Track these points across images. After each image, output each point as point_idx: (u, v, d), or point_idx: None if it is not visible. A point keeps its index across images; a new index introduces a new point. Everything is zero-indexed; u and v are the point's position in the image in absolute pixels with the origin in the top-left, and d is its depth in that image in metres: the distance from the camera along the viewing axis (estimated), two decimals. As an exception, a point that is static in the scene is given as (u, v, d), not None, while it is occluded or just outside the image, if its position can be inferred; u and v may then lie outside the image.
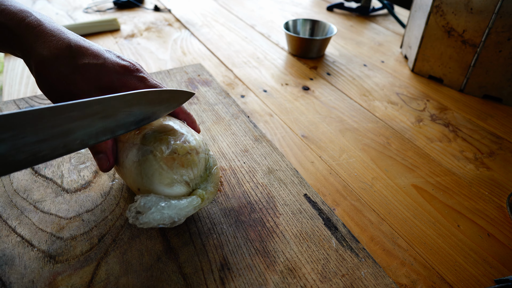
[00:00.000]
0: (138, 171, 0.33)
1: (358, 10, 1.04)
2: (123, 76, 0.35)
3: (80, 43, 0.34)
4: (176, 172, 0.32)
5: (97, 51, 0.35)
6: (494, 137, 0.56)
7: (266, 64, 0.75)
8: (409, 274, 0.36)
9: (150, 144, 0.34)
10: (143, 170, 0.33)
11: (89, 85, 0.34)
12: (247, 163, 0.47)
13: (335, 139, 0.54)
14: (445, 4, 0.64)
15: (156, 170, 0.32)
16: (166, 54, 0.77)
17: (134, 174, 0.34)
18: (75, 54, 0.34)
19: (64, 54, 0.33)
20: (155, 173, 0.32)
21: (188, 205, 0.32)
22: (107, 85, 0.35)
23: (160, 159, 0.33)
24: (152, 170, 0.32)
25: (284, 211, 0.40)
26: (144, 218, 0.30)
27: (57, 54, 0.33)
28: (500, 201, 0.45)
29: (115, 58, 0.36)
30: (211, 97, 0.61)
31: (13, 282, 0.32)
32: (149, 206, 0.31)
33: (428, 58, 0.70)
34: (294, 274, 0.34)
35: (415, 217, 0.42)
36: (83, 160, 0.46)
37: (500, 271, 0.37)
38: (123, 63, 0.36)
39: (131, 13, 0.99)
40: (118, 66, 0.35)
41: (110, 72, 0.35)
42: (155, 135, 0.35)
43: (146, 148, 0.34)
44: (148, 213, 0.30)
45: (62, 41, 0.34)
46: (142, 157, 0.33)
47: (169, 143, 0.33)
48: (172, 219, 0.31)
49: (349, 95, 0.66)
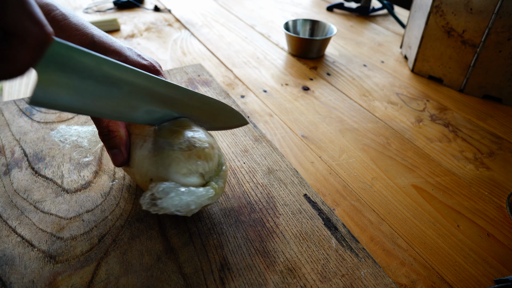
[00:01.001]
0: (152, 162, 0.34)
1: (358, 10, 1.04)
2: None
3: (103, 39, 0.35)
4: (192, 163, 0.33)
5: (119, 49, 0.35)
6: (494, 137, 0.56)
7: (266, 64, 0.75)
8: (409, 274, 0.36)
9: (166, 137, 0.34)
10: (159, 160, 0.33)
11: None
12: (247, 163, 0.47)
13: (335, 139, 0.54)
14: (445, 4, 0.64)
15: (174, 160, 0.33)
16: (166, 54, 0.77)
17: (147, 164, 0.34)
18: (98, 50, 0.34)
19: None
20: (173, 163, 0.33)
21: (205, 194, 0.33)
22: None
23: (178, 150, 0.33)
24: (170, 160, 0.33)
25: (284, 211, 0.40)
26: (163, 203, 0.30)
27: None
28: (500, 201, 0.45)
29: (136, 57, 0.36)
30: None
31: (13, 282, 0.32)
32: (167, 191, 0.31)
33: (428, 58, 0.70)
34: (294, 274, 0.34)
35: (415, 217, 0.42)
36: (85, 154, 0.45)
37: (500, 271, 0.37)
38: (143, 63, 0.36)
39: (131, 13, 0.99)
40: (138, 65, 0.36)
41: None
42: (171, 128, 0.35)
43: (162, 140, 0.34)
44: (167, 198, 0.31)
45: (86, 36, 0.34)
46: (158, 149, 0.34)
47: (185, 136, 0.34)
48: (189, 207, 0.31)
49: (349, 95, 0.66)
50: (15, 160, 0.45)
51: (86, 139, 0.42)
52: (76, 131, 0.42)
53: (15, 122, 0.51)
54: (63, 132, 0.45)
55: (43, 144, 0.48)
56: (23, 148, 0.47)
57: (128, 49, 0.37)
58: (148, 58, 0.38)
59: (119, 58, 0.35)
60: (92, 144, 0.42)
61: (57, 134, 0.44)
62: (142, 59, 0.37)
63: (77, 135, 0.42)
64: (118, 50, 0.35)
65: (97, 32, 0.35)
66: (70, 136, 0.45)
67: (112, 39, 0.36)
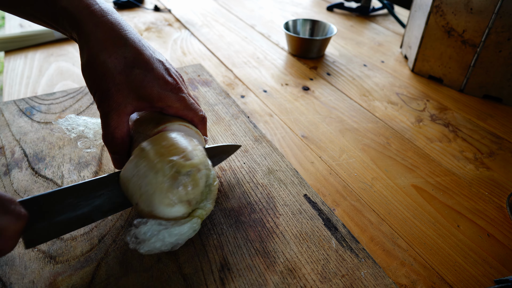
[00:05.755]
0: (137, 186, 0.32)
1: (358, 10, 1.03)
2: (164, 91, 0.36)
3: (135, 45, 0.35)
4: (176, 192, 0.31)
5: (148, 59, 0.35)
6: (494, 137, 0.56)
7: (266, 64, 0.75)
8: (409, 274, 0.36)
9: (150, 158, 0.32)
10: (142, 186, 0.31)
11: (129, 90, 0.34)
12: (247, 163, 0.47)
13: (335, 139, 0.54)
14: (445, 4, 0.64)
15: (157, 190, 0.31)
16: (166, 54, 0.77)
17: (132, 186, 0.32)
18: (127, 55, 0.34)
19: (117, 53, 0.34)
20: (156, 193, 0.31)
21: (188, 230, 0.32)
22: (146, 95, 0.35)
23: (161, 178, 0.31)
24: (153, 189, 0.31)
25: (284, 212, 0.40)
26: (145, 247, 0.30)
27: (110, 52, 0.33)
28: (500, 201, 0.45)
29: (162, 71, 0.36)
30: (211, 98, 0.61)
31: (13, 282, 0.32)
32: (149, 235, 0.30)
33: (428, 58, 0.70)
34: (294, 274, 0.34)
35: (415, 217, 0.42)
36: (89, 145, 0.45)
37: (500, 271, 0.37)
38: (167, 79, 0.36)
39: (131, 13, 0.99)
40: (162, 80, 0.36)
41: (153, 85, 0.35)
42: (157, 149, 0.33)
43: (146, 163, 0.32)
44: (149, 243, 0.30)
45: (120, 38, 0.34)
46: (141, 172, 0.32)
47: (170, 161, 0.32)
48: (173, 244, 0.31)
49: (349, 95, 0.66)
50: (15, 160, 0.45)
51: (93, 130, 0.41)
52: (84, 121, 0.42)
53: (15, 122, 0.51)
54: (71, 121, 0.45)
55: (43, 144, 0.48)
56: (23, 148, 0.47)
57: (158, 61, 0.36)
58: (174, 73, 0.38)
59: (144, 70, 0.34)
60: (97, 136, 0.41)
61: (65, 122, 0.44)
62: (168, 74, 0.36)
63: (84, 125, 0.42)
64: (147, 60, 0.35)
65: (131, 36, 0.35)
66: (77, 125, 0.45)
67: (145, 46, 0.36)
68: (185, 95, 0.37)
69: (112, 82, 0.33)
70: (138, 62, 0.34)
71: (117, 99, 0.34)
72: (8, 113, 0.53)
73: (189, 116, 0.38)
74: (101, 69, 0.33)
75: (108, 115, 0.34)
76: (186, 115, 0.38)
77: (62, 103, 0.56)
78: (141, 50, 0.35)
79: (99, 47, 0.33)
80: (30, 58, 0.72)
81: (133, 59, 0.34)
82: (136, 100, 0.35)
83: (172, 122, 0.36)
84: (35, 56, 0.73)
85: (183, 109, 0.37)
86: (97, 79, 0.34)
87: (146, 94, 0.35)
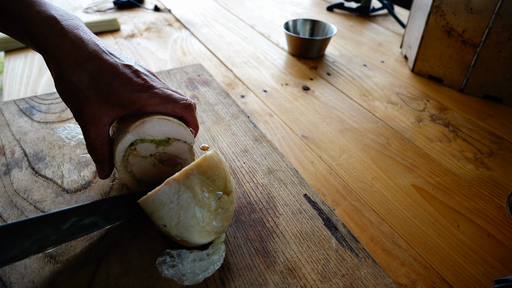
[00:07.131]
0: (175, 214, 0.32)
1: (358, 10, 1.04)
2: (134, 93, 0.36)
3: (98, 56, 0.35)
4: (214, 227, 0.33)
5: (112, 67, 0.35)
6: (494, 137, 0.56)
7: (266, 64, 0.75)
8: (409, 274, 0.36)
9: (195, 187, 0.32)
10: (182, 215, 0.32)
11: (100, 102, 0.35)
12: (247, 163, 0.47)
13: (335, 139, 0.54)
14: (445, 4, 0.64)
15: (198, 224, 0.32)
16: (166, 54, 0.77)
17: (169, 212, 0.32)
18: (91, 69, 0.35)
19: (80, 69, 0.34)
20: (196, 226, 0.32)
21: (219, 257, 0.33)
22: (117, 102, 0.36)
23: (206, 213, 0.33)
24: (194, 222, 0.32)
25: (284, 211, 0.40)
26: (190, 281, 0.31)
27: (74, 69, 0.34)
28: (500, 201, 0.45)
29: (130, 75, 0.36)
30: (211, 97, 0.61)
31: (13, 282, 0.32)
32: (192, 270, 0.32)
33: (428, 58, 0.70)
34: (294, 274, 0.34)
35: (415, 217, 0.42)
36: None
37: (500, 271, 0.37)
38: (135, 80, 0.36)
39: (131, 13, 0.99)
40: (129, 83, 0.36)
41: (120, 90, 0.35)
42: (201, 178, 0.33)
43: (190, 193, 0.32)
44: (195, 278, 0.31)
45: (81, 54, 0.34)
46: (184, 202, 0.32)
47: (215, 195, 0.33)
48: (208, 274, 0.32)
49: (349, 95, 0.66)
50: (15, 160, 0.45)
51: None
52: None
53: (15, 122, 0.51)
54: (69, 130, 0.46)
55: (43, 144, 0.48)
56: (23, 148, 0.47)
57: (124, 66, 0.36)
58: (144, 73, 0.37)
59: (109, 79, 0.35)
60: None
61: (64, 131, 0.46)
62: (136, 76, 0.36)
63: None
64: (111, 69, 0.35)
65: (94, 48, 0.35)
66: (76, 133, 0.46)
67: (109, 54, 0.36)
68: (158, 90, 0.37)
69: (81, 97, 0.34)
70: (102, 73, 0.35)
71: (90, 113, 0.35)
72: (8, 113, 0.53)
73: (168, 109, 0.38)
74: (69, 88, 0.34)
75: (85, 128, 0.35)
76: (165, 109, 0.38)
77: (62, 103, 0.56)
78: (104, 60, 0.35)
79: (63, 66, 0.34)
80: (30, 58, 0.72)
81: (97, 71, 0.35)
82: (110, 109, 0.35)
83: (151, 117, 0.37)
84: (35, 56, 0.73)
85: (160, 104, 0.37)
86: (67, 97, 0.35)
87: (117, 101, 0.35)
